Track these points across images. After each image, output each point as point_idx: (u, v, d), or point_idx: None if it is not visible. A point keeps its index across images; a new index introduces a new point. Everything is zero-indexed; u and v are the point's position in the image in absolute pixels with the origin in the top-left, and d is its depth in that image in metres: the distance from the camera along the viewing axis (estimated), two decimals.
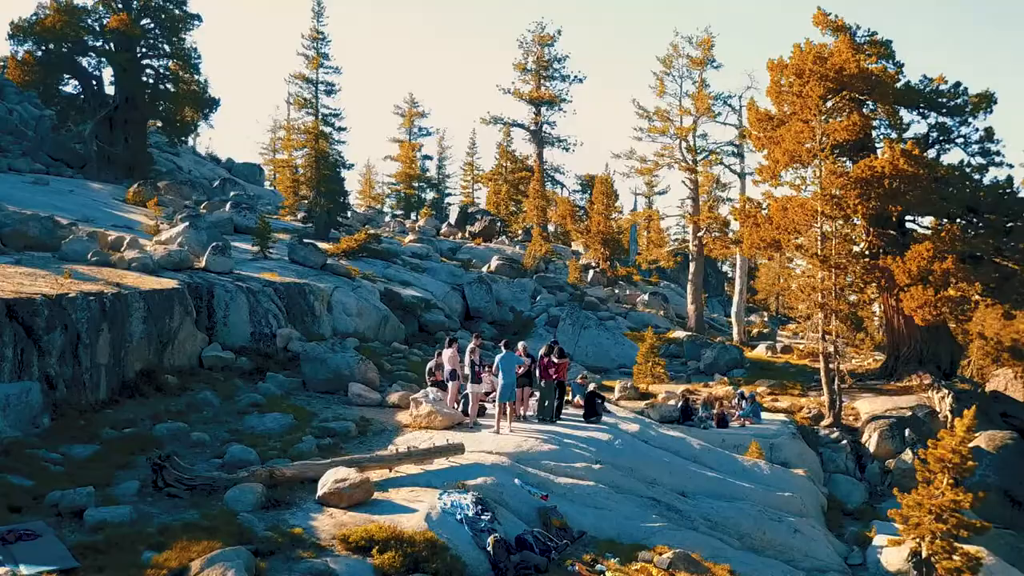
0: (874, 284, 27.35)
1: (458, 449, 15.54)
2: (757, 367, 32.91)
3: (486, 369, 18.82)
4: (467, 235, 51.75)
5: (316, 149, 35.10)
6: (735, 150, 40.73)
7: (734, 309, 41.58)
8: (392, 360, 23.65)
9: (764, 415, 24.61)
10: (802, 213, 25.89)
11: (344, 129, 36.10)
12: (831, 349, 25.19)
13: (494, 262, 41.90)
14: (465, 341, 24.35)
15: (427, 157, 77.95)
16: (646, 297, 43.88)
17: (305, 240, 28.03)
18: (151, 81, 43.15)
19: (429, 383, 19.37)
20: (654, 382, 26.75)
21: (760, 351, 37.25)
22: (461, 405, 18.44)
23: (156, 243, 25.72)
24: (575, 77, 65.01)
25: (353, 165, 50.10)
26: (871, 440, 24.49)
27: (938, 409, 26.43)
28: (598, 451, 16.89)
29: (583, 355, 32.57)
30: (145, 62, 43.05)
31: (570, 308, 34.65)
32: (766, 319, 52.87)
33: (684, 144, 39.69)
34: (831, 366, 25.25)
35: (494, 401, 17.77)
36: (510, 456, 16.04)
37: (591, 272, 46.60)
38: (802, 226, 26.23)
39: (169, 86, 43.61)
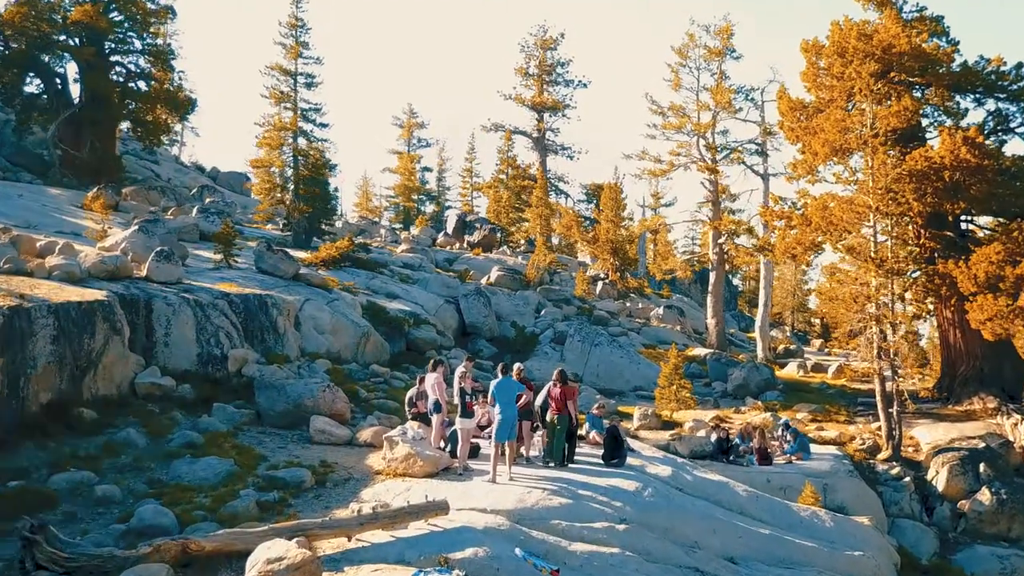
0: (933, 293, 23.57)
1: (441, 507, 11.79)
2: (791, 389, 29.07)
3: (480, 399, 15.10)
4: (465, 245, 48.08)
5: (294, 147, 31.51)
6: (758, 148, 37.07)
7: (758, 324, 37.75)
8: (370, 386, 19.92)
9: (812, 447, 20.79)
10: (850, 211, 22.18)
11: (326, 125, 32.56)
12: (887, 370, 21.41)
13: (494, 273, 38.21)
14: (457, 362, 20.59)
15: (427, 169, 74.55)
16: (661, 311, 40.10)
17: (275, 247, 24.38)
18: (121, 80, 39.68)
19: (410, 416, 15.63)
20: (679, 408, 22.96)
21: (791, 370, 33.42)
22: (448, 444, 14.70)
23: (100, 249, 22.07)
24: (579, 82, 61.91)
25: (336, 165, 46.42)
26: (939, 477, 20.64)
27: (1012, 438, 22.61)
28: (624, 505, 13.11)
29: (593, 375, 28.79)
30: (114, 59, 39.61)
31: (578, 323, 30.93)
32: (789, 334, 49.01)
33: (702, 142, 36.04)
34: (888, 388, 21.46)
35: (490, 438, 14.04)
36: (510, 515, 12.30)
37: (600, 284, 42.85)
38: (850, 225, 22.53)
39: (141, 84, 40.15)
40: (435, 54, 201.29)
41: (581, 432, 16.24)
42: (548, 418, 14.37)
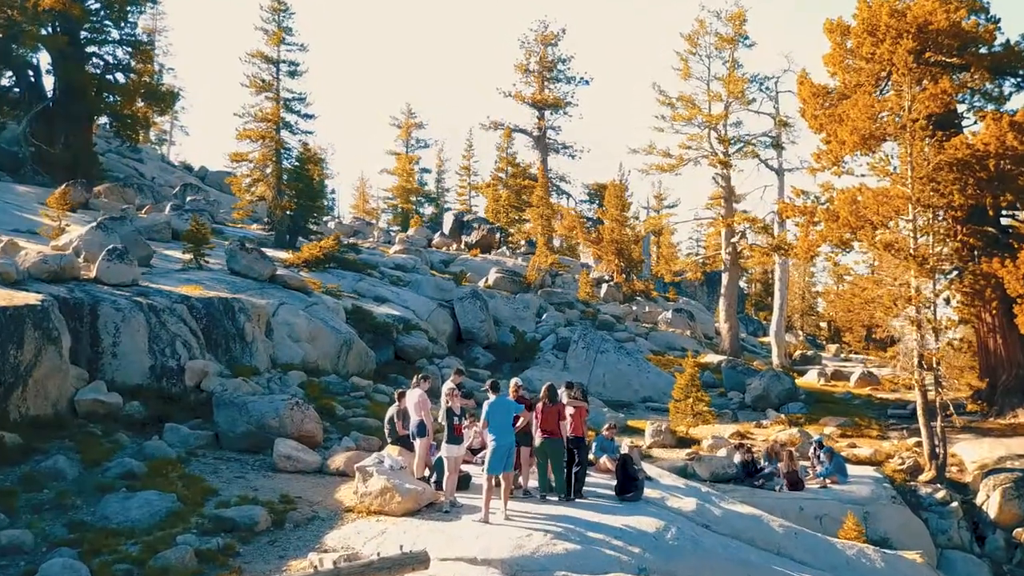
0: (977, 295, 21.30)
1: (419, 560, 9.55)
2: (813, 399, 26.77)
3: (468, 420, 12.85)
4: (463, 246, 45.86)
5: (277, 139, 29.28)
6: (772, 141, 34.83)
7: (773, 328, 35.48)
8: (349, 401, 17.65)
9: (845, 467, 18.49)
10: (886, 203, 19.93)
11: (312, 116, 30.25)
12: (929, 380, 19.14)
13: (492, 275, 36.00)
14: (452, 372, 18.36)
15: (425, 170, 72.43)
16: (669, 315, 37.82)
17: (249, 246, 22.13)
18: (97, 71, 37.46)
19: (389, 440, 13.38)
20: (696, 423, 20.69)
21: (811, 379, 31.14)
22: (433, 474, 12.46)
23: (53, 248, 19.84)
24: (581, 79, 59.80)
25: (323, 159, 44.13)
26: (990, 502, 18.36)
27: None
28: (643, 551, 10.83)
29: (599, 385, 26.51)
30: (90, 49, 37.40)
31: (583, 329, 28.66)
32: (802, 338, 46.72)
33: (714, 134, 33.79)
34: (930, 399, 19.18)
35: (483, 463, 11.78)
36: (505, 566, 10.08)
37: (604, 286, 40.60)
38: (885, 219, 20.29)
39: (119, 76, 37.91)
40: (435, 54, 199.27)
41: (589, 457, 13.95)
42: (537, 443, 12.08)
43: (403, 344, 23.18)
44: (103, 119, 40.10)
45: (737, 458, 17.83)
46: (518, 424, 11.55)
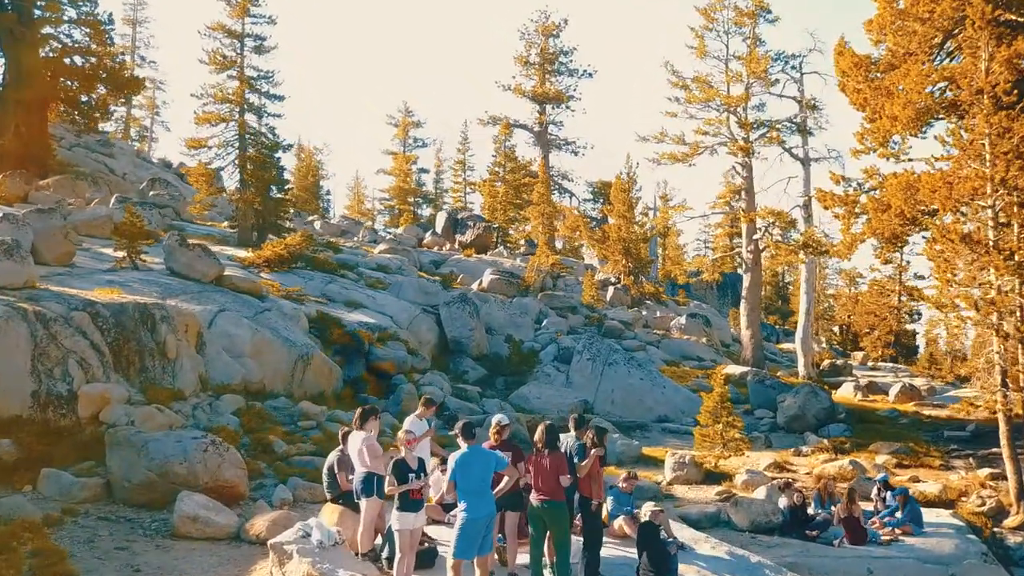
0: None
1: None
2: (854, 418, 23.14)
3: (432, 473, 9.33)
4: (457, 246, 42.35)
5: (240, 123, 25.76)
6: (796, 127, 31.26)
7: (799, 335, 31.80)
8: (295, 433, 14.06)
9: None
10: (961, 183, 16.35)
11: (280, 98, 26.70)
12: (1016, 401, 15.56)
13: (487, 277, 32.52)
14: (435, 391, 14.80)
15: (423, 171, 69.05)
16: (683, 320, 34.24)
17: (192, 242, 18.60)
18: (52, 54, 34.02)
19: (328, 496, 9.84)
20: (726, 452, 17.08)
21: (846, 393, 27.50)
22: (385, 545, 8.94)
23: None
24: (584, 72, 56.64)
25: (292, 146, 40.59)
26: None
27: None
28: None
29: (606, 403, 22.98)
30: (46, 30, 33.98)
31: (588, 337, 25.05)
32: (825, 345, 43.01)
33: (733, 118, 30.23)
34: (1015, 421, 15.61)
35: (453, 523, 8.24)
36: None
37: (610, 289, 37.02)
38: (959, 204, 16.72)
39: (76, 60, 34.48)
40: (430, 47, 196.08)
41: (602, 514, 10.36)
42: (531, 506, 8.55)
43: (376, 357, 19.66)
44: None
45: (783, 502, 14.28)
46: (499, 487, 8.03)
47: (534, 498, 8.44)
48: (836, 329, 57.51)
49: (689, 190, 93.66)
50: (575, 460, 8.83)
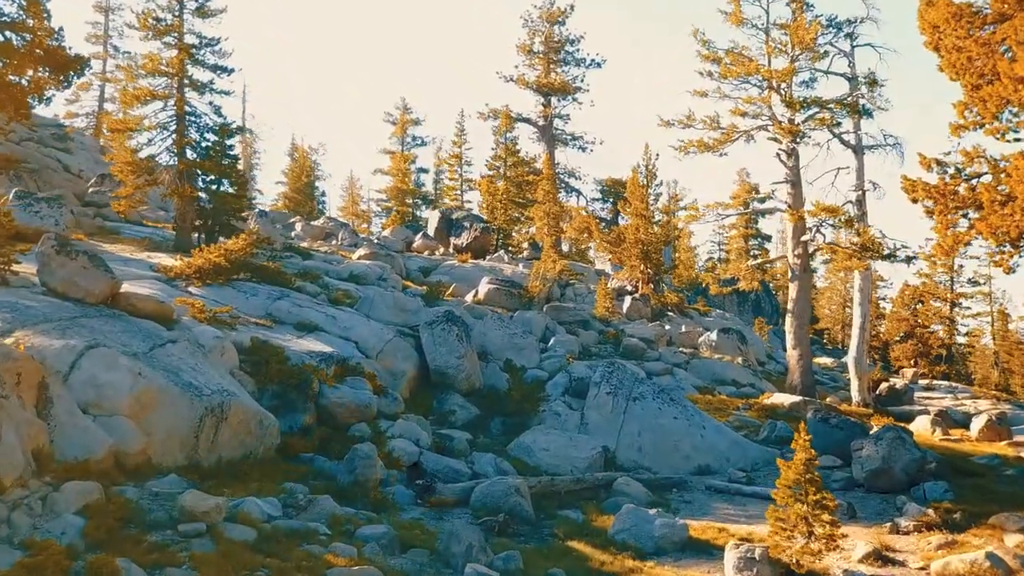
0: None
1: None
2: (949, 468, 18.10)
3: None
4: (451, 250, 37.49)
5: (179, 100, 20.94)
6: (847, 109, 26.29)
7: (852, 353, 26.75)
8: (168, 547, 8.99)
9: None
10: None
11: (229, 71, 21.88)
12: None
13: (484, 287, 27.66)
14: (403, 444, 9.88)
15: (422, 170, 64.48)
16: (713, 336, 29.25)
17: (76, 250, 13.74)
18: None
19: None
20: (814, 545, 12.06)
21: (922, 428, 22.47)
22: None
23: None
24: (592, 61, 52.25)
25: (242, 128, 35.73)
26: None
27: None
28: None
29: (631, 450, 18.01)
30: None
31: (607, 365, 20.02)
32: (876, 364, 37.86)
33: (776, 97, 25.26)
34: None
35: None
36: None
37: (627, 299, 32.07)
38: None
39: (10, 35, 29.76)
40: (434, 54, 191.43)
41: None
42: None
43: (329, 400, 14.74)
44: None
45: None
46: None
47: None
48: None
49: (699, 191, 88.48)
50: None
